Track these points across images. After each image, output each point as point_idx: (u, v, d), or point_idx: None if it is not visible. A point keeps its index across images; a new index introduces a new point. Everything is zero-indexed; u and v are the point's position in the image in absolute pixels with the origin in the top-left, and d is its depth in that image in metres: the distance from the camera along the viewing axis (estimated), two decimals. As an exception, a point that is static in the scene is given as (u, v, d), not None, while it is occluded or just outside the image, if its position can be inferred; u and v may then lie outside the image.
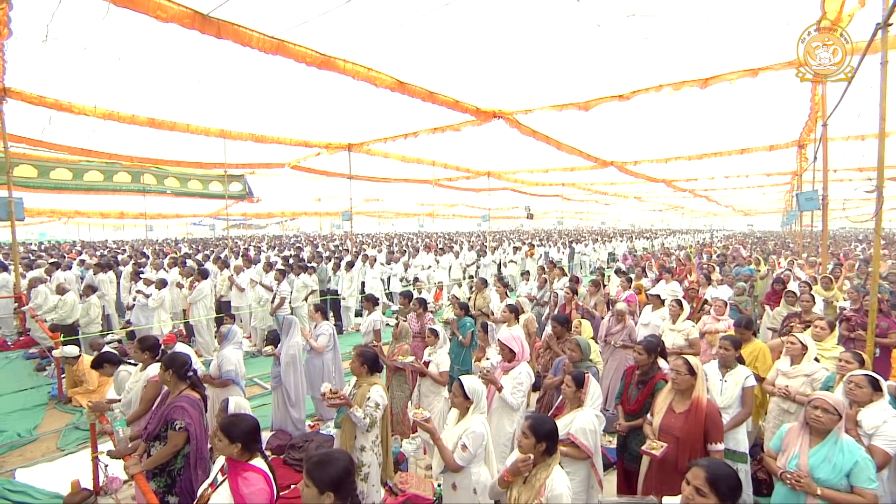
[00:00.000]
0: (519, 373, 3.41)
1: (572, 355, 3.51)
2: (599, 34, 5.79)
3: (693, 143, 12.24)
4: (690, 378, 2.65)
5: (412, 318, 5.10)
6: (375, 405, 2.82)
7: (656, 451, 2.47)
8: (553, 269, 8.77)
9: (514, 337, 3.49)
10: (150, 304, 6.90)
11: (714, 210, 48.87)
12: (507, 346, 3.42)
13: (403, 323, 4.37)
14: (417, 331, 4.88)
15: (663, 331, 4.66)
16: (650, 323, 5.35)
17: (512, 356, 3.50)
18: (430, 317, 5.01)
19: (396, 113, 9.66)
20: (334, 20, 5.43)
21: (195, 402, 2.64)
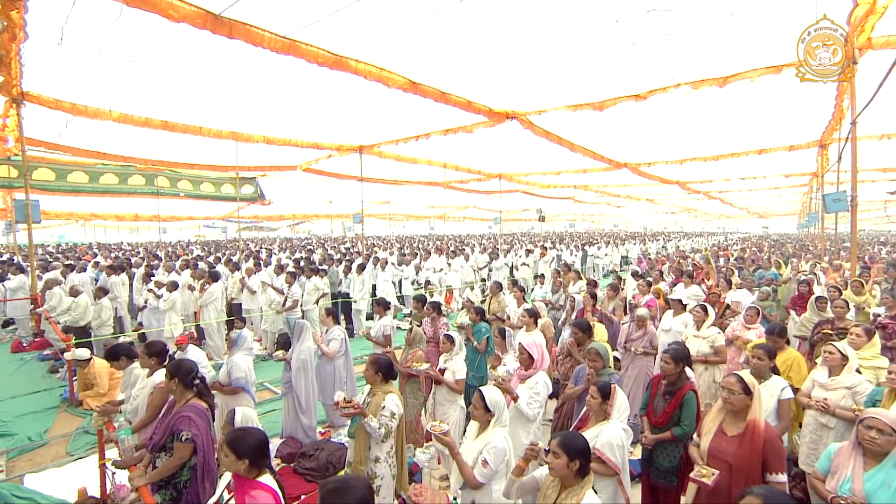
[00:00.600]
0: (536, 382, 3.26)
1: (594, 364, 3.35)
2: (617, 31, 5.63)
3: (709, 143, 11.97)
4: (745, 398, 2.39)
5: (426, 322, 4.96)
6: (391, 414, 2.69)
7: (707, 479, 2.24)
8: (568, 272, 8.58)
9: (535, 343, 3.33)
10: (161, 307, 6.88)
11: (728, 212, 48.10)
12: (528, 352, 3.27)
13: (417, 328, 4.24)
14: (432, 336, 4.75)
15: (687, 337, 4.47)
16: (671, 329, 5.14)
17: (531, 363, 3.35)
18: (444, 322, 4.87)
19: (408, 114, 9.58)
20: (346, 20, 5.36)
21: (202, 411, 2.54)
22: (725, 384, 2.49)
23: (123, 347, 3.55)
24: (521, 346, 3.34)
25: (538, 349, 3.32)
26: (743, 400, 2.43)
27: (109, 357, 3.43)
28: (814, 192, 19.20)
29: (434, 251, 12.36)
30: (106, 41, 5.76)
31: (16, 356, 7.61)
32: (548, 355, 3.41)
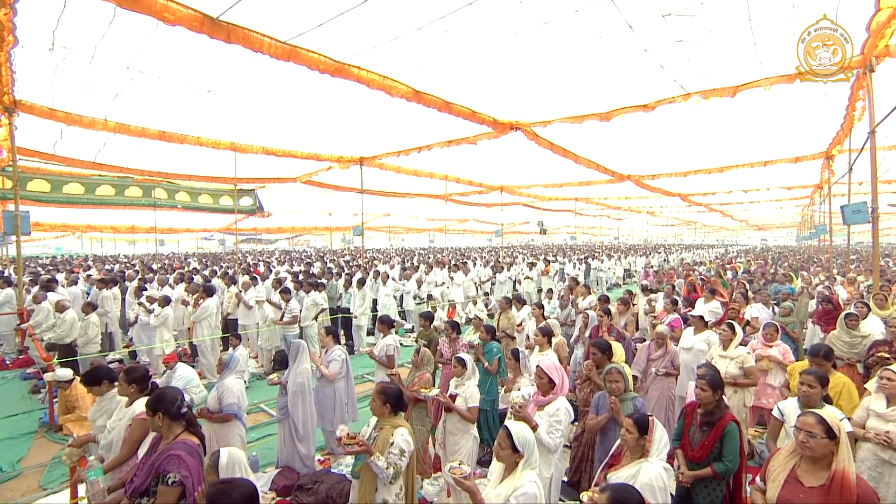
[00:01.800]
0: (557, 409, 2.95)
1: (615, 386, 3.05)
2: (628, 39, 5.45)
3: (713, 155, 11.83)
4: (828, 443, 2.02)
5: (443, 343, 4.65)
6: (400, 452, 2.36)
7: None
8: (576, 286, 8.29)
9: (556, 366, 3.03)
10: (152, 323, 6.55)
11: (727, 225, 48.08)
12: (548, 376, 2.97)
13: (425, 349, 3.94)
14: (449, 357, 4.43)
15: (712, 357, 4.16)
16: (693, 347, 4.83)
17: (550, 388, 3.05)
18: (464, 342, 4.55)
19: (409, 126, 9.40)
20: (348, 25, 5.17)
21: (193, 449, 2.19)
22: (802, 425, 2.10)
23: (104, 370, 3.16)
24: (541, 369, 3.04)
25: (559, 373, 3.03)
26: (825, 445, 2.05)
27: (88, 381, 3.04)
28: (817, 203, 19.13)
29: (435, 264, 12.05)
30: (99, 47, 5.55)
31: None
32: (567, 379, 3.10)
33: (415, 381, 3.69)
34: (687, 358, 4.60)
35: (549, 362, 3.06)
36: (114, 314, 7.86)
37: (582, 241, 44.29)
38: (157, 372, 6.84)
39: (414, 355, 3.93)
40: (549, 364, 3.05)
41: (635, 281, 21.24)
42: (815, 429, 2.07)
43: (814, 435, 2.07)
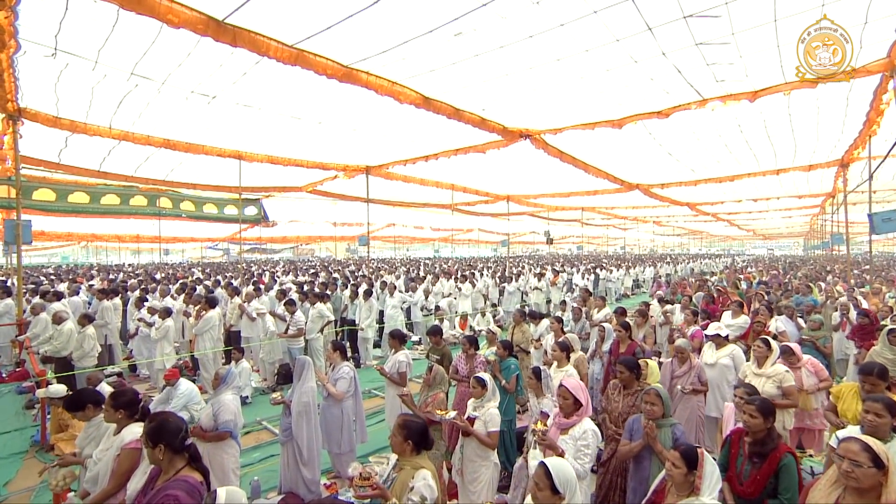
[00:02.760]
0: (583, 432, 2.69)
1: (652, 409, 2.78)
2: (646, 41, 5.27)
3: (724, 164, 11.60)
4: (875, 473, 1.82)
5: (459, 358, 4.38)
6: (421, 499, 2.06)
7: None
8: (589, 297, 8.02)
9: (581, 386, 2.77)
10: (153, 336, 6.33)
11: (733, 234, 47.67)
12: (573, 396, 2.71)
13: (438, 366, 3.68)
14: (466, 375, 4.17)
15: (746, 375, 3.88)
16: (717, 363, 4.52)
17: (575, 409, 2.79)
18: (482, 358, 4.29)
19: (417, 134, 9.25)
20: (358, 28, 5.02)
21: (194, 488, 1.92)
22: (846, 452, 1.90)
23: (88, 393, 2.90)
24: (566, 389, 2.78)
25: (585, 393, 2.77)
26: (872, 476, 1.83)
27: (71, 406, 2.79)
28: (829, 212, 18.82)
29: (442, 275, 11.81)
30: (103, 52, 5.41)
31: (-7, 388, 7.04)
32: (589, 399, 2.84)
33: (428, 400, 3.43)
34: (712, 375, 4.32)
35: (574, 382, 2.80)
36: (114, 325, 7.65)
37: (587, 251, 43.99)
38: (157, 386, 6.62)
39: (427, 373, 3.67)
40: (575, 384, 2.79)
41: (644, 291, 20.94)
42: (860, 457, 1.86)
43: (859, 464, 1.85)
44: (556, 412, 2.93)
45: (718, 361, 4.52)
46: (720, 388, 4.28)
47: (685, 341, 4.62)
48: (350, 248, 31.81)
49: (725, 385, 4.20)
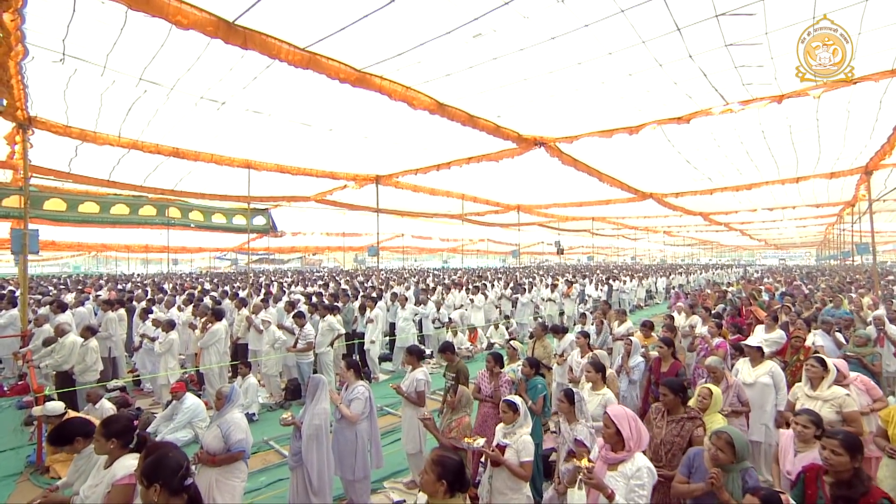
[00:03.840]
0: (637, 469, 2.35)
1: (718, 456, 2.40)
2: (673, 42, 5.04)
3: (741, 172, 11.28)
4: None
5: (483, 377, 4.08)
6: None
7: None
8: (608, 309, 7.70)
9: (627, 414, 2.46)
10: (156, 349, 6.10)
11: (744, 244, 46.96)
12: (615, 426, 2.41)
13: (464, 388, 3.38)
14: (490, 394, 3.87)
15: (798, 398, 3.54)
16: (756, 382, 4.16)
17: (619, 442, 2.45)
18: (507, 377, 3.99)
19: (429, 142, 9.07)
20: (372, 29, 4.84)
21: None
22: None
23: (75, 424, 2.61)
24: (609, 418, 2.47)
25: (631, 423, 2.44)
26: None
27: (56, 440, 2.49)
28: (850, 221, 18.35)
29: (453, 286, 11.54)
30: (111, 56, 5.28)
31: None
32: (645, 430, 2.51)
33: (452, 425, 3.14)
34: (752, 395, 3.98)
35: (619, 411, 2.48)
36: (118, 338, 7.44)
37: (596, 261, 43.49)
38: (160, 401, 6.38)
39: (450, 394, 3.37)
40: (620, 412, 2.48)
41: (657, 302, 20.47)
42: None
43: None
44: (601, 444, 2.59)
45: (758, 380, 4.17)
46: (762, 410, 3.94)
47: (717, 359, 4.29)
48: (358, 258, 31.65)
49: (768, 405, 3.86)
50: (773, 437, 3.75)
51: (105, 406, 5.18)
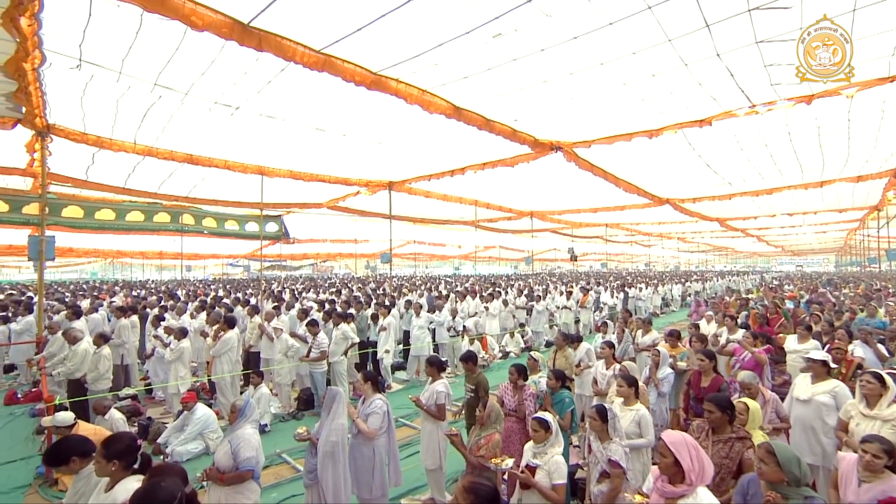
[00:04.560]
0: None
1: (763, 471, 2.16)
2: (702, 39, 4.84)
3: (766, 177, 10.96)
4: None
5: (506, 390, 3.87)
6: None
7: None
8: (629, 317, 7.45)
9: (686, 441, 2.17)
10: (167, 357, 6.00)
11: (760, 251, 45.97)
12: (673, 455, 2.17)
13: (493, 402, 3.18)
14: (514, 408, 3.66)
15: (852, 416, 3.28)
16: (812, 400, 3.72)
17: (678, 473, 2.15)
18: (531, 390, 3.78)
19: (443, 147, 8.94)
20: (387, 34, 4.73)
21: None
22: None
23: (73, 443, 2.43)
24: (666, 445, 2.19)
25: (691, 451, 2.14)
26: None
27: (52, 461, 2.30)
28: (876, 227, 17.79)
29: (467, 293, 11.34)
30: (126, 62, 5.24)
31: (7, 410, 6.78)
32: (709, 461, 2.22)
33: (480, 442, 2.94)
34: (805, 413, 3.68)
35: (677, 437, 2.19)
36: (131, 345, 7.38)
37: (608, 268, 42.90)
38: (172, 411, 6.26)
39: (479, 410, 3.16)
40: (678, 439, 2.18)
41: (673, 310, 20.01)
42: None
43: None
44: (656, 475, 2.30)
45: (815, 398, 3.72)
46: (814, 430, 3.62)
47: (750, 374, 4.03)
48: (369, 265, 31.62)
49: (822, 426, 3.56)
50: (831, 460, 3.43)
51: (114, 416, 5.07)
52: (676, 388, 5.15)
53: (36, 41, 4.82)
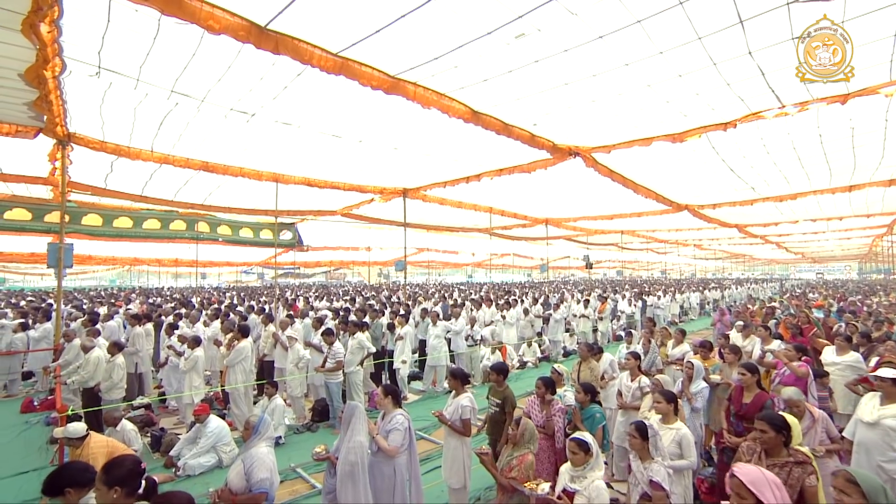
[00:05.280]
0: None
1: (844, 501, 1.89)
2: (733, 36, 4.64)
3: (792, 181, 10.59)
4: None
5: (533, 404, 3.65)
6: None
7: None
8: (653, 326, 7.17)
9: (766, 477, 1.90)
10: (181, 366, 5.90)
11: (779, 258, 44.76)
12: (755, 497, 1.87)
13: (526, 419, 2.96)
14: (541, 424, 3.45)
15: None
16: (880, 423, 3.30)
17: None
18: (560, 405, 3.57)
19: (459, 153, 8.81)
20: (406, 35, 4.62)
21: None
22: None
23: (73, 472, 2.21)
24: (742, 484, 1.92)
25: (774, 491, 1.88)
26: None
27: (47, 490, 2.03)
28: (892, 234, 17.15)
29: (483, 301, 11.12)
30: (144, 68, 5.21)
31: (23, 418, 6.74)
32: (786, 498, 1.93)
33: (513, 463, 2.74)
34: (870, 437, 3.32)
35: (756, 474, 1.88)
36: (145, 353, 7.31)
37: (624, 275, 42.23)
38: (185, 421, 6.15)
39: (512, 427, 2.94)
40: (757, 476, 1.86)
41: (691, 318, 19.45)
42: None
43: None
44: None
45: (882, 421, 3.34)
46: (880, 453, 3.28)
47: (795, 390, 3.76)
48: (382, 272, 31.51)
49: (889, 451, 3.25)
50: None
51: (126, 428, 4.97)
52: (710, 402, 4.88)
53: (56, 48, 4.81)
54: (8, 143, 7.60)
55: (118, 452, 4.25)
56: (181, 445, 5.14)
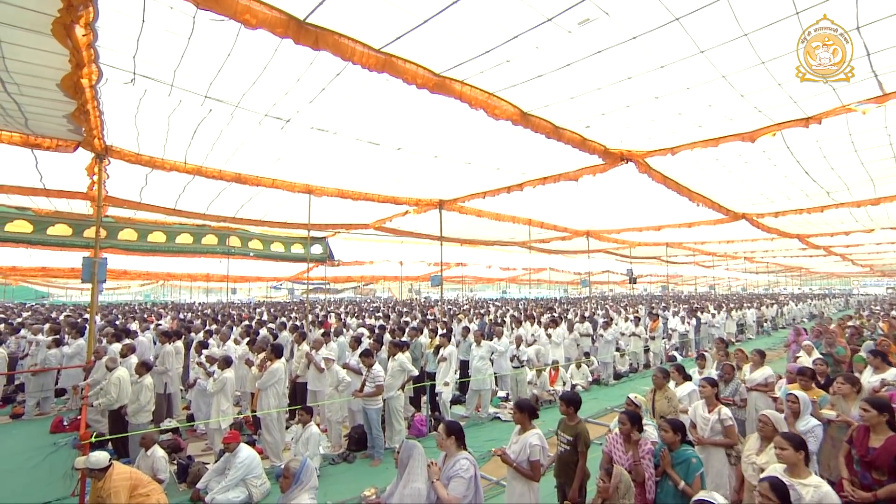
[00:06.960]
0: None
1: None
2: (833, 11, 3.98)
3: (875, 183, 9.50)
4: None
5: (616, 443, 2.98)
6: None
7: None
8: (725, 348, 6.35)
9: None
10: (209, 388, 5.51)
11: (839, 271, 41.58)
12: None
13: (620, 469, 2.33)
14: (627, 468, 2.80)
15: None
16: None
17: None
18: (648, 444, 2.90)
19: (500, 161, 8.30)
20: (454, 27, 4.18)
21: None
22: None
23: None
24: None
25: None
26: None
27: None
28: None
29: (525, 319, 10.44)
30: (178, 72, 4.97)
31: (52, 438, 6.51)
32: None
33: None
34: None
35: None
36: (175, 372, 7.01)
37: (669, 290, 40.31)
38: (213, 448, 5.75)
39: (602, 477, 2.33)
40: None
41: (749, 337, 17.98)
42: None
43: None
44: None
45: None
46: None
47: None
48: (413, 287, 31.10)
49: None
50: None
51: (157, 454, 4.61)
52: (822, 444, 4.06)
53: (91, 54, 4.60)
54: (50, 158, 7.60)
55: (142, 486, 3.85)
56: (209, 476, 4.70)
